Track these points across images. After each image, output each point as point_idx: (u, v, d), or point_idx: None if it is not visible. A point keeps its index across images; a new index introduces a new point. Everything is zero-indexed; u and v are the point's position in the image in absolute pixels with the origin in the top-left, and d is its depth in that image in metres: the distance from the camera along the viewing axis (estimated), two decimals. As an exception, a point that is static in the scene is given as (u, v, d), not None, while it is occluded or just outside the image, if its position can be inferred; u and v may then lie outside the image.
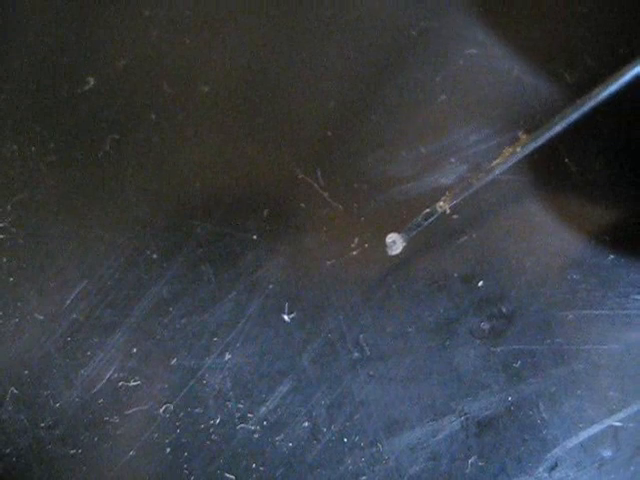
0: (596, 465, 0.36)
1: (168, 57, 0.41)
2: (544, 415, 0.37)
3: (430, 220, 0.34)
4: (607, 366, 0.37)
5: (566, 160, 0.40)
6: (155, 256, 0.39)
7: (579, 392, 0.37)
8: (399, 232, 0.34)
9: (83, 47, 0.41)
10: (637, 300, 0.38)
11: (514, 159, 0.32)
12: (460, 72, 0.41)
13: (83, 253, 0.39)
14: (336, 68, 0.41)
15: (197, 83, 0.40)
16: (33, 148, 0.40)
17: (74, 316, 0.38)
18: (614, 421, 0.37)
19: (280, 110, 0.40)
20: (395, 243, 0.34)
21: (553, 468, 0.36)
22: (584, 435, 0.37)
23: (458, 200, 0.33)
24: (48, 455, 0.37)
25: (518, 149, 0.32)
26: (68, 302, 0.38)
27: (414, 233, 0.34)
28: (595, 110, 0.40)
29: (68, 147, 0.40)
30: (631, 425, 0.37)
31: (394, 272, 0.38)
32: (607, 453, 0.36)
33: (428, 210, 0.34)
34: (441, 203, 0.33)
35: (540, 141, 0.32)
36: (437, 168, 0.39)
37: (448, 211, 0.33)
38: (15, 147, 0.40)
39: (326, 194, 0.39)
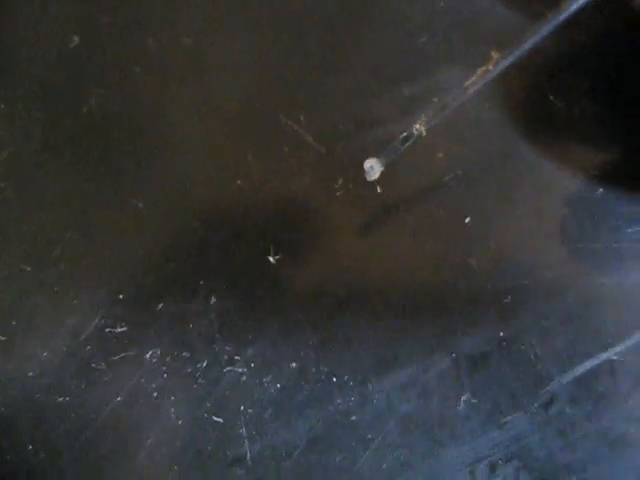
0: (593, 400, 0.36)
1: (151, 12, 0.41)
2: (537, 350, 0.36)
3: (407, 144, 0.33)
4: (601, 300, 0.37)
5: (551, 97, 0.39)
6: (141, 205, 0.38)
7: (573, 327, 0.36)
8: (377, 157, 0.33)
9: (67, 6, 0.42)
10: (628, 233, 0.37)
11: (487, 77, 0.31)
12: (441, 10, 0.41)
13: (69, 204, 0.39)
14: (316, 8, 0.41)
15: (180, 36, 0.41)
16: (20, 105, 0.40)
17: (61, 267, 0.38)
18: (611, 355, 0.36)
19: (262, 55, 0.40)
20: (373, 168, 0.33)
21: (548, 404, 0.36)
22: (579, 370, 0.36)
23: (434, 122, 0.33)
24: (36, 404, 0.36)
25: (490, 67, 0.31)
26: (55, 253, 0.38)
27: (392, 157, 0.34)
28: (582, 47, 0.40)
29: (54, 103, 0.40)
30: (629, 358, 0.36)
31: (380, 212, 0.38)
32: (603, 388, 0.36)
33: (405, 134, 0.33)
34: (417, 125, 0.33)
35: (512, 58, 0.31)
36: (420, 108, 0.38)
37: (424, 133, 0.33)
38: (2, 106, 0.40)
39: (309, 137, 0.39)
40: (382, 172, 0.34)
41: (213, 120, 0.39)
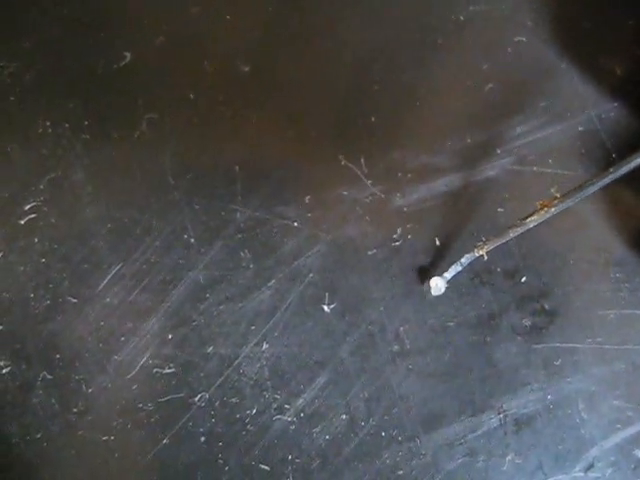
0: (632, 466, 0.35)
1: (208, 35, 0.38)
2: (583, 414, 0.35)
3: (467, 264, 0.34)
4: None
5: (614, 155, 0.37)
6: (193, 240, 0.36)
7: (618, 392, 0.35)
8: (440, 275, 0.34)
9: (120, 21, 0.38)
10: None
11: (547, 216, 0.32)
12: (508, 60, 0.38)
13: (118, 235, 0.36)
14: (383, 51, 0.37)
15: (238, 62, 0.37)
16: (67, 125, 0.37)
17: (108, 300, 0.35)
18: None
19: (324, 94, 0.37)
20: (437, 286, 0.34)
21: (589, 468, 0.35)
22: (621, 436, 0.35)
23: (492, 247, 0.33)
24: (79, 441, 0.34)
25: (552, 209, 0.31)
26: (102, 285, 0.35)
27: (454, 275, 0.34)
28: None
29: (103, 125, 0.37)
30: (669, 426, 0.35)
31: (436, 264, 0.36)
32: None
33: (467, 255, 0.33)
34: (478, 250, 0.33)
35: (573, 202, 0.31)
36: (482, 159, 0.37)
37: (485, 257, 0.33)
38: (48, 124, 0.37)
39: (369, 182, 0.36)
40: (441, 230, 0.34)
41: (267, 155, 0.36)
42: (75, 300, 0.35)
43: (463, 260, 0.34)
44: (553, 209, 0.32)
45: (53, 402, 0.34)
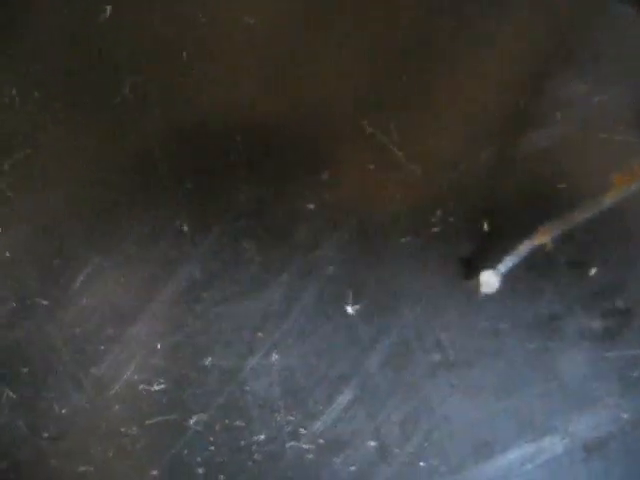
0: None
1: (203, -21, 0.31)
2: None
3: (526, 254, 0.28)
4: None
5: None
6: (185, 228, 0.30)
7: None
8: (493, 268, 0.28)
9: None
10: None
11: (624, 194, 0.27)
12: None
13: (95, 223, 0.30)
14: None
15: (240, 14, 0.31)
16: (36, 93, 0.30)
17: (84, 301, 0.30)
18: None
19: (345, 47, 0.30)
20: (489, 281, 0.28)
21: None
22: None
23: (552, 235, 0.27)
24: (52, 472, 0.29)
25: (634, 183, 0.26)
26: (77, 284, 0.30)
27: (510, 269, 0.28)
28: None
29: (78, 91, 0.31)
30: None
31: (484, 253, 0.29)
32: None
33: (526, 244, 0.28)
34: (540, 237, 0.28)
35: None
36: (538, 125, 0.30)
37: (549, 247, 0.28)
38: (14, 92, 0.30)
39: (401, 154, 0.30)
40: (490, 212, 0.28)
41: (278, 125, 0.30)
42: (45, 302, 0.30)
43: (521, 250, 0.28)
44: (634, 186, 0.26)
45: (20, 425, 0.30)
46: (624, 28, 0.31)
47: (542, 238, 0.28)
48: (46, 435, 0.29)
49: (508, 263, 0.28)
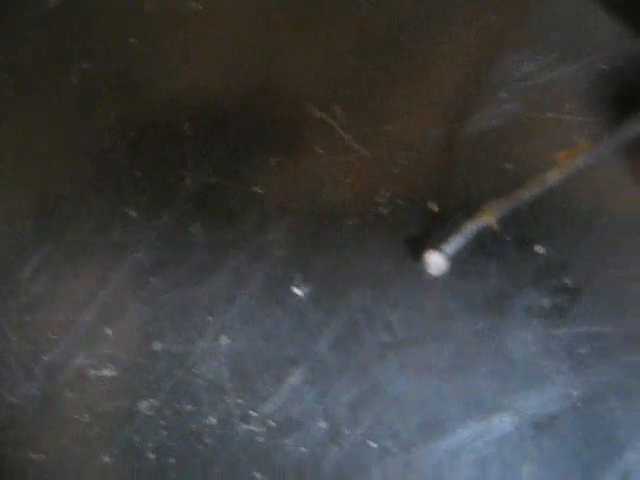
0: (679, 474, 0.28)
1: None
2: (616, 412, 0.29)
3: (472, 235, 0.28)
4: None
5: (645, 97, 0.30)
6: (134, 214, 0.30)
7: None
8: (439, 250, 0.28)
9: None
10: None
11: (569, 172, 0.26)
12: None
13: (43, 211, 0.30)
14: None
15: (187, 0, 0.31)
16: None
17: (34, 289, 0.29)
18: None
19: (289, 30, 0.31)
20: (436, 263, 0.28)
21: (626, 476, 0.29)
22: (666, 437, 0.29)
23: (502, 213, 0.27)
24: (4, 460, 0.29)
25: (577, 159, 0.26)
26: (27, 273, 0.30)
27: (457, 250, 0.28)
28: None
29: (26, 79, 0.31)
30: None
31: (433, 234, 0.29)
32: None
33: (472, 223, 0.27)
34: (486, 217, 0.27)
35: (602, 153, 0.26)
36: (484, 105, 0.30)
37: (495, 226, 0.27)
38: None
39: (349, 137, 0.30)
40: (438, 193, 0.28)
41: (222, 108, 0.30)
42: None
43: (467, 230, 0.28)
44: (577, 162, 0.26)
45: None
46: (571, 8, 0.32)
47: (488, 218, 0.27)
48: (-4, 424, 0.29)
49: (454, 244, 0.28)
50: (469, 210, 0.28)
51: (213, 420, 0.29)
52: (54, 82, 0.30)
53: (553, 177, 0.27)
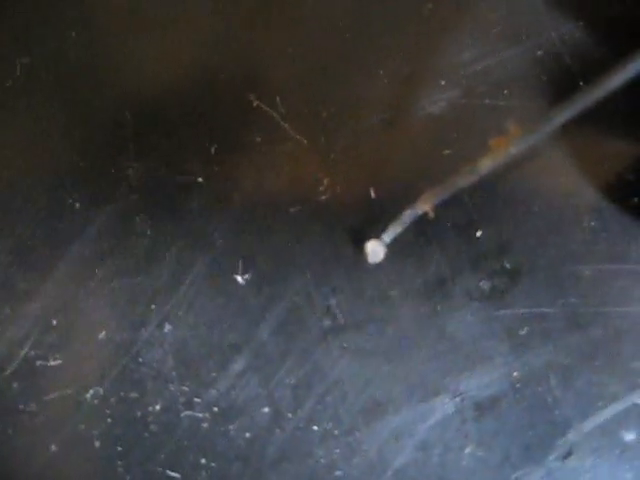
0: (617, 451, 0.29)
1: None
2: (555, 392, 0.29)
3: (410, 222, 0.28)
4: (630, 331, 0.30)
5: (581, 82, 0.31)
6: (78, 205, 0.30)
7: (597, 363, 0.30)
8: (378, 238, 0.28)
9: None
10: (666, 251, 0.30)
11: (503, 157, 0.26)
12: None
13: None
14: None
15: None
16: None
17: None
18: (638, 398, 0.29)
19: (230, 20, 0.31)
20: (374, 251, 0.28)
21: (567, 456, 0.29)
22: (603, 415, 0.29)
23: (439, 200, 0.27)
24: None
25: (509, 148, 0.25)
26: None
27: (394, 237, 0.28)
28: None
29: None
30: (659, 402, 0.29)
31: (372, 221, 0.29)
32: (630, 436, 0.29)
33: (409, 212, 0.28)
34: (423, 205, 0.27)
35: (534, 138, 0.25)
36: (423, 93, 0.31)
37: (431, 214, 0.27)
38: None
39: (287, 125, 0.30)
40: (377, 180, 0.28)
41: (166, 101, 0.30)
42: None
43: (404, 218, 0.28)
44: (510, 148, 0.26)
45: None
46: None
47: (424, 206, 0.28)
48: (-57, 415, 0.29)
49: (392, 232, 0.28)
50: (408, 197, 0.29)
51: (158, 407, 0.29)
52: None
53: (486, 164, 0.27)
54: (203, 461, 0.29)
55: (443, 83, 0.31)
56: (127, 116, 0.30)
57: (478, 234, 0.30)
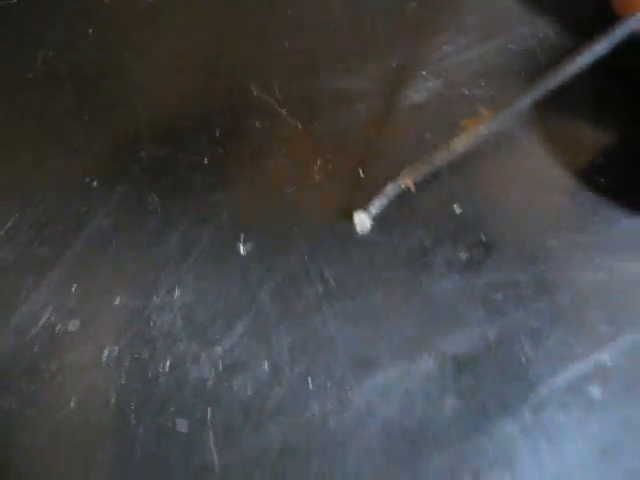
0: (584, 406, 0.31)
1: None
2: (527, 352, 0.32)
3: (393, 195, 0.31)
4: (595, 297, 0.32)
5: (549, 74, 0.34)
6: (95, 184, 0.33)
7: (565, 326, 0.32)
8: (365, 210, 0.31)
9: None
10: (626, 225, 0.33)
11: (475, 137, 0.29)
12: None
13: (13, 184, 0.33)
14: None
15: (139, -8, 0.34)
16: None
17: (3, 254, 0.32)
18: (603, 357, 0.32)
19: (233, 20, 0.34)
20: (362, 221, 0.31)
21: (538, 409, 0.31)
22: (571, 372, 0.31)
23: (419, 177, 0.30)
24: None
25: (480, 128, 0.29)
26: None
27: (381, 212, 0.31)
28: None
29: None
30: (621, 361, 0.31)
31: (361, 197, 0.32)
32: (596, 392, 0.31)
33: (391, 187, 0.31)
34: (403, 180, 0.31)
35: (501, 119, 0.29)
36: (407, 83, 0.33)
37: (413, 188, 0.30)
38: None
39: (284, 111, 0.33)
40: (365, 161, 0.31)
41: (173, 89, 0.33)
42: None
43: (387, 192, 0.31)
44: (481, 128, 0.29)
45: None
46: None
47: (405, 180, 0.31)
48: (-28, 376, 0.31)
49: (378, 204, 0.31)
50: (393, 175, 0.32)
51: (167, 365, 0.31)
52: (21, 67, 0.33)
53: (460, 142, 0.30)
54: (209, 414, 0.31)
55: (425, 74, 0.34)
56: (140, 105, 0.33)
57: (457, 210, 0.33)
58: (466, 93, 0.34)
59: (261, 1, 0.34)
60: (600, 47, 0.27)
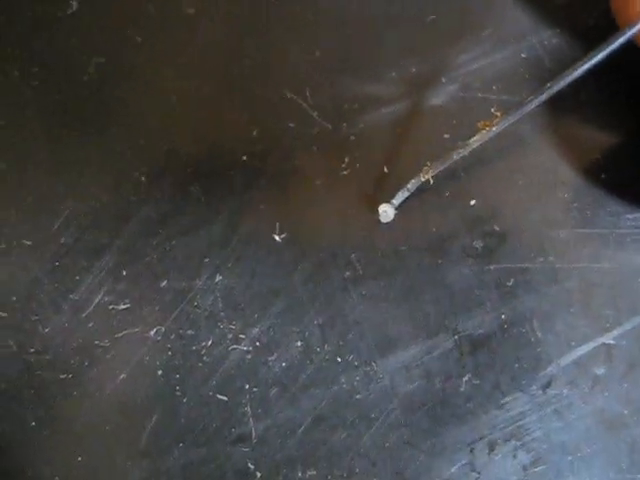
0: (590, 383, 0.34)
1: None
2: (538, 333, 0.34)
3: (414, 189, 0.34)
4: (600, 284, 0.35)
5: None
6: (143, 178, 0.35)
7: (572, 310, 0.35)
8: (389, 202, 0.34)
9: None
10: (629, 219, 0.35)
11: (489, 136, 0.32)
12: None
13: (70, 177, 0.35)
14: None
15: (182, 5, 0.37)
16: (16, 73, 0.37)
17: (62, 240, 0.35)
18: (607, 339, 0.34)
19: (269, 31, 0.37)
20: (387, 212, 0.34)
21: (547, 386, 0.34)
22: (578, 353, 0.34)
23: (438, 171, 0.33)
24: (38, 380, 0.34)
25: (494, 128, 0.32)
26: (56, 226, 0.35)
27: (402, 201, 0.34)
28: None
29: (52, 71, 0.37)
30: (624, 343, 0.34)
31: (385, 191, 0.36)
32: (600, 371, 0.34)
33: (413, 181, 0.34)
34: (424, 175, 0.33)
35: (513, 119, 0.32)
36: (427, 88, 0.37)
37: (431, 181, 0.33)
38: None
39: (315, 113, 0.36)
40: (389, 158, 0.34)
41: (216, 93, 0.36)
42: (29, 242, 0.35)
43: (409, 185, 0.34)
44: (494, 128, 0.32)
45: (10, 343, 0.34)
46: (499, 7, 0.38)
47: (426, 176, 0.34)
48: (32, 350, 0.34)
49: (400, 196, 0.34)
50: (414, 171, 0.35)
51: (210, 342, 0.34)
52: (75, 73, 0.37)
53: (475, 140, 0.33)
54: (247, 387, 0.34)
55: (444, 80, 0.37)
56: (183, 107, 0.36)
57: (472, 202, 0.36)
58: (481, 97, 0.36)
59: (292, 14, 0.37)
60: (601, 55, 0.30)
